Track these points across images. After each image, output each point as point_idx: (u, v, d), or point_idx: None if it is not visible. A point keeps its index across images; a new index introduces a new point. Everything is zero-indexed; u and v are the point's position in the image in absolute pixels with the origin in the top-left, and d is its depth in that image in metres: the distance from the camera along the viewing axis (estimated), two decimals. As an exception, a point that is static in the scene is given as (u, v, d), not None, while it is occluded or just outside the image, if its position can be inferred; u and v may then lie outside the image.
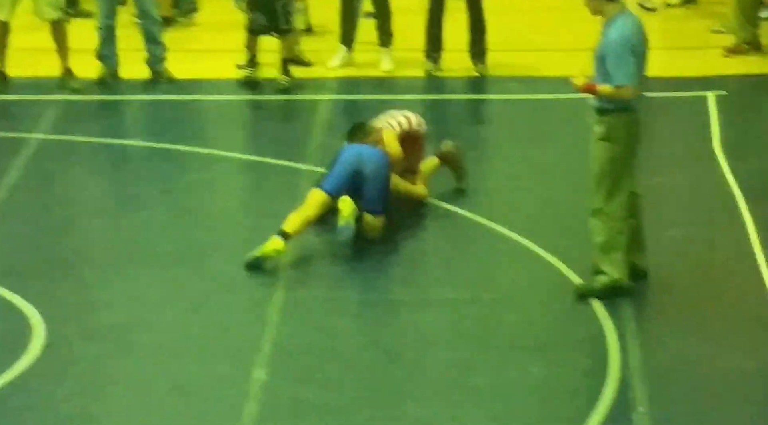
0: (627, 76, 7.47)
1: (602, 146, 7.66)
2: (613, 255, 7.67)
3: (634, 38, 7.51)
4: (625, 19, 7.55)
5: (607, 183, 7.66)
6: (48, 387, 7.01)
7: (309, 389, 7.00)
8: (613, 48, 7.48)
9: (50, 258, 8.37)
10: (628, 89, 7.50)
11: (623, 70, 7.46)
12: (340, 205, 8.20)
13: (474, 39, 11.29)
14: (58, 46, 10.95)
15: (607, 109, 7.64)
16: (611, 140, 7.63)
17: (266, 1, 10.79)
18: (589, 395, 6.90)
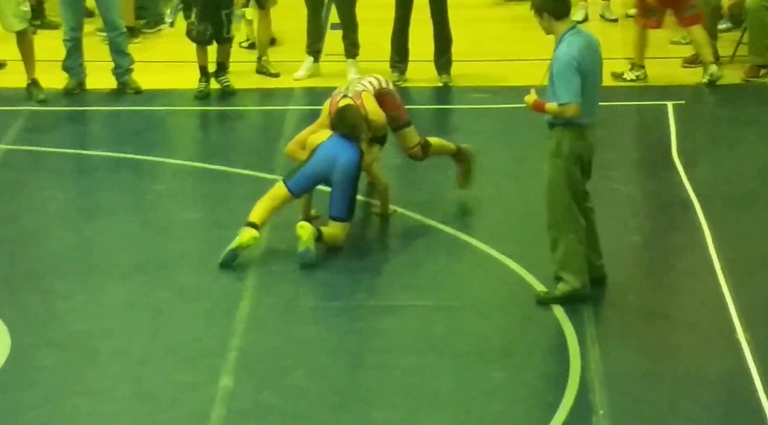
0: (571, 94, 7.57)
1: (551, 161, 7.77)
2: (572, 265, 7.76)
3: (579, 56, 7.58)
4: (572, 38, 7.63)
5: (560, 196, 7.74)
6: (12, 396, 7.02)
7: (274, 395, 7.04)
8: (558, 66, 7.60)
9: (15, 267, 8.39)
10: (573, 107, 7.59)
11: (567, 89, 7.56)
12: (299, 231, 8.29)
13: (439, 49, 11.38)
14: (24, 57, 10.97)
15: (555, 124, 7.74)
16: (559, 155, 7.73)
17: (213, 12, 10.88)
18: (550, 399, 6.96)
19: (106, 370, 7.29)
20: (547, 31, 7.76)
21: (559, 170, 7.72)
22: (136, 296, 8.03)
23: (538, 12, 7.69)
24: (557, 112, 7.63)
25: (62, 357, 7.38)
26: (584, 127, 7.75)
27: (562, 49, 7.61)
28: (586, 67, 7.62)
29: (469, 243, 8.54)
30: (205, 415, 6.86)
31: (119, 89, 11.19)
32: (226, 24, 10.99)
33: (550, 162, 7.77)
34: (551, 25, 7.68)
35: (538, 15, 7.72)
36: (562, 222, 7.76)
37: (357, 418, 6.89)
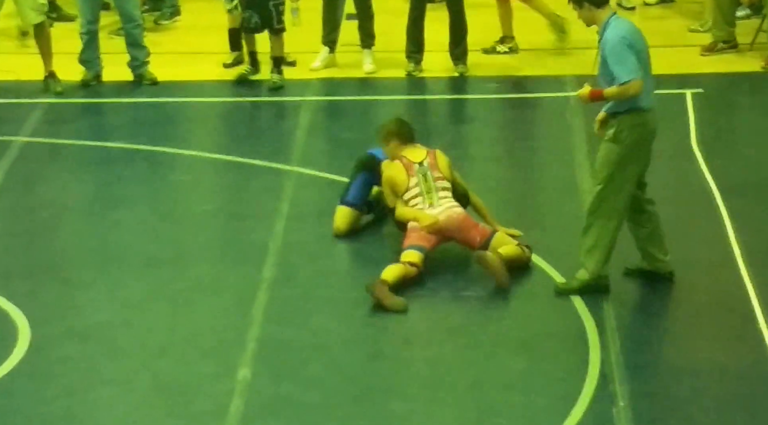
0: (630, 71, 7.52)
1: (607, 146, 7.70)
2: (597, 254, 7.74)
3: (629, 35, 7.59)
4: (617, 22, 7.64)
5: (606, 184, 7.70)
6: (33, 388, 7.05)
7: (293, 386, 7.05)
8: (610, 48, 7.55)
9: (34, 259, 8.41)
10: (635, 84, 7.54)
11: (625, 66, 7.52)
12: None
13: (455, 40, 11.37)
14: (41, 49, 11.00)
15: (618, 112, 7.68)
16: (616, 141, 7.67)
17: (260, 1, 10.86)
18: (570, 390, 6.95)
19: (124, 361, 7.31)
20: (588, 22, 7.74)
21: (612, 156, 7.66)
22: (155, 287, 8.05)
23: (578, 3, 7.66)
24: (619, 92, 7.56)
25: (81, 349, 7.40)
26: (646, 111, 7.70)
27: (610, 32, 7.58)
28: (637, 45, 7.61)
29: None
30: (223, 407, 6.87)
31: (135, 81, 11.20)
32: (275, 15, 10.94)
33: (606, 147, 7.69)
34: (593, 14, 7.65)
35: (577, 6, 7.68)
36: (604, 209, 7.71)
37: (375, 409, 6.90)
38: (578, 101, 7.93)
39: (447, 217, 8.10)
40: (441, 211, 8.14)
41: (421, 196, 8.20)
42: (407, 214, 8.19)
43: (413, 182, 8.23)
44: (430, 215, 8.11)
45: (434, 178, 8.26)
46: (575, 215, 8.83)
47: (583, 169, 9.54)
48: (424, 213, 8.13)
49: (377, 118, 10.98)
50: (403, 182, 8.25)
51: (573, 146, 9.95)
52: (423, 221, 8.07)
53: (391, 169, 8.32)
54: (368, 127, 10.75)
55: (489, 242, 8.07)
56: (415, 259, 7.93)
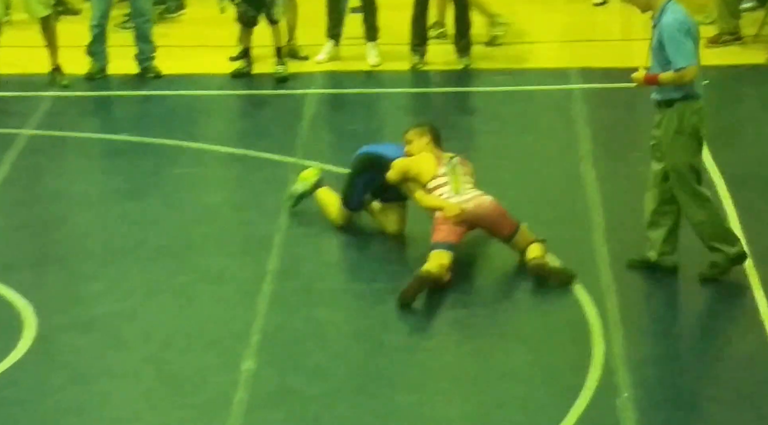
0: (687, 57, 7.53)
1: (675, 139, 7.67)
2: (720, 235, 7.76)
3: (687, 21, 7.60)
4: (675, 6, 7.64)
5: (691, 172, 7.69)
6: (39, 379, 7.09)
7: (297, 378, 7.08)
8: (669, 33, 7.54)
9: (41, 251, 8.45)
10: (691, 70, 7.55)
11: (682, 52, 7.52)
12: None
13: (459, 32, 11.38)
14: (48, 42, 11.03)
15: (675, 99, 7.66)
16: (682, 131, 7.66)
17: None
18: (574, 382, 6.97)
19: (130, 352, 7.34)
20: (643, 8, 7.73)
21: (685, 147, 7.67)
22: (160, 279, 8.08)
23: None
24: (675, 78, 7.55)
25: (87, 339, 7.44)
26: (700, 98, 7.70)
27: (668, 17, 7.57)
28: (693, 32, 7.62)
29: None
30: (228, 398, 6.90)
31: (141, 74, 11.23)
32: (271, 6, 10.98)
33: (675, 140, 7.67)
34: (649, 1, 7.63)
35: None
36: (694, 199, 7.72)
37: (379, 401, 6.93)
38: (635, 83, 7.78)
39: (476, 205, 7.98)
40: (469, 198, 8.01)
41: (448, 186, 8.07)
42: (431, 202, 8.04)
43: (441, 171, 8.13)
44: (455, 204, 7.98)
45: (462, 172, 8.20)
46: (579, 207, 8.87)
47: (588, 161, 9.57)
48: (449, 202, 7.99)
49: (382, 110, 11.02)
50: (430, 170, 8.13)
51: (577, 138, 9.97)
52: (449, 211, 7.93)
53: (420, 157, 8.19)
54: (373, 120, 10.80)
55: (516, 233, 8.00)
56: (446, 261, 7.77)
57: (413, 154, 8.26)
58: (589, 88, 10.90)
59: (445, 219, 7.94)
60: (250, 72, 11.19)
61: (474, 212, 7.96)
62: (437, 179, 8.12)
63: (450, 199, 8.02)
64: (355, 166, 8.49)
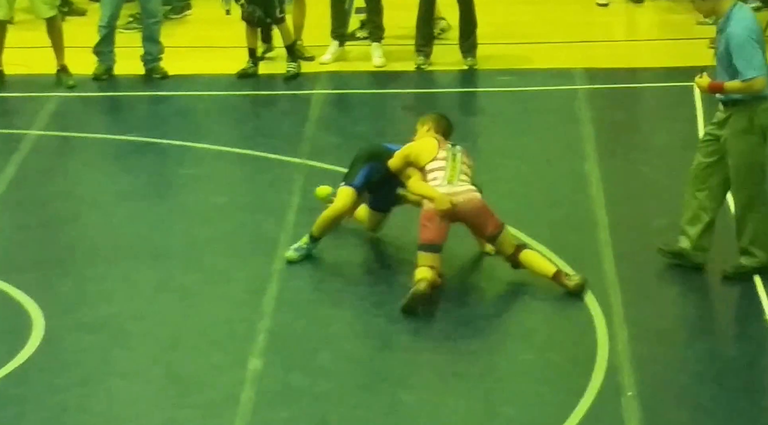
0: (756, 68, 7.48)
1: (744, 138, 7.65)
2: (763, 240, 7.74)
3: (755, 29, 7.55)
4: (741, 12, 7.57)
5: (754, 173, 7.68)
6: (46, 379, 7.12)
7: (303, 377, 7.11)
8: (737, 42, 7.48)
9: (48, 251, 8.48)
10: (760, 81, 7.50)
11: (751, 63, 7.47)
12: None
13: (464, 32, 11.40)
14: (54, 43, 11.06)
15: (742, 100, 7.63)
16: (752, 131, 7.63)
17: None
18: (579, 381, 7.00)
19: (136, 352, 7.37)
20: (707, 14, 7.70)
21: (753, 146, 7.63)
22: (166, 279, 8.11)
23: None
24: (741, 88, 7.52)
25: (94, 340, 7.47)
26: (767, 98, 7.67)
27: (736, 25, 7.51)
28: (760, 38, 7.57)
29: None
30: (234, 397, 6.94)
31: (147, 75, 11.27)
32: (278, 4, 11.02)
33: (743, 139, 7.65)
34: (715, 5, 7.57)
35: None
36: (754, 199, 7.70)
37: (384, 399, 6.95)
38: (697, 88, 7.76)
39: (466, 200, 7.93)
40: (460, 191, 7.95)
41: (443, 171, 7.98)
42: (423, 190, 7.97)
43: (441, 155, 8.05)
44: (446, 197, 7.88)
45: (462, 161, 8.12)
46: (584, 207, 8.89)
47: (592, 161, 9.59)
48: (440, 193, 7.90)
49: (387, 111, 11.05)
50: (431, 152, 8.03)
51: (582, 138, 9.99)
52: (439, 204, 7.85)
53: (422, 141, 8.15)
54: (378, 120, 10.82)
55: (499, 235, 7.98)
56: (435, 265, 7.74)
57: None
58: (594, 89, 10.92)
59: (433, 213, 7.88)
60: (256, 72, 11.22)
61: (463, 207, 7.90)
62: (436, 161, 8.04)
63: (441, 188, 7.92)
64: (363, 153, 8.39)
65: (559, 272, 7.82)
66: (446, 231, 7.93)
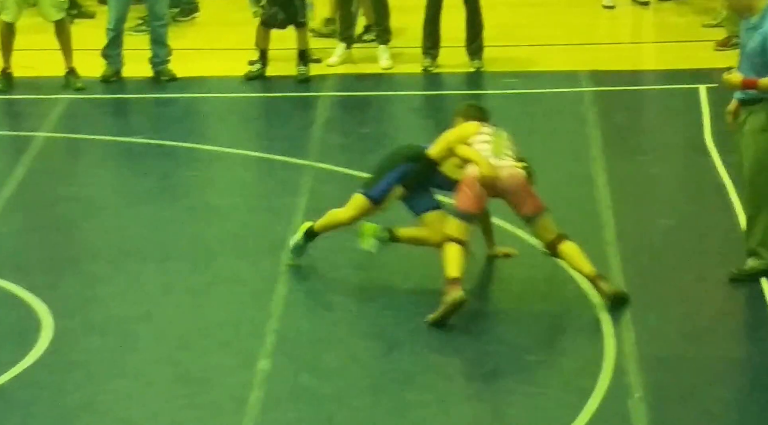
0: None
1: (763, 137, 7.61)
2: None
3: None
4: None
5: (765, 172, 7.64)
6: (55, 379, 7.15)
7: (311, 377, 7.13)
8: None
9: (56, 253, 8.51)
10: None
11: None
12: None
13: (471, 35, 11.43)
14: (62, 45, 11.10)
15: (762, 99, 7.58)
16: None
17: None
18: (586, 382, 7.00)
19: (145, 353, 7.40)
20: (741, 12, 7.63)
21: (765, 144, 7.61)
22: (174, 280, 8.14)
23: None
24: None
25: (102, 341, 7.50)
26: None
27: None
28: None
29: (503, 228, 8.59)
30: (243, 398, 6.96)
31: (155, 77, 11.30)
32: (300, 9, 11.06)
33: (760, 138, 7.62)
34: (752, 2, 7.54)
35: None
36: (766, 200, 7.69)
37: (391, 400, 6.97)
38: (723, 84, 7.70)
39: (510, 175, 7.72)
40: (504, 165, 7.74)
41: (489, 145, 7.77)
42: (469, 154, 7.65)
43: (485, 130, 7.86)
44: (491, 164, 7.67)
45: (507, 138, 7.94)
46: (590, 209, 8.91)
47: (598, 162, 9.61)
48: (487, 159, 7.67)
49: (394, 113, 11.08)
50: (472, 130, 7.79)
51: (588, 140, 10.01)
52: (484, 169, 7.57)
53: (460, 126, 7.88)
54: (385, 122, 10.85)
55: (537, 217, 7.75)
56: (461, 235, 7.53)
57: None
58: (599, 91, 10.94)
59: (474, 179, 7.65)
60: (264, 74, 11.25)
61: (506, 181, 7.70)
62: (481, 135, 7.81)
63: (488, 159, 7.73)
64: (397, 154, 8.11)
65: (599, 275, 7.68)
66: (484, 203, 7.75)
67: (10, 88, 11.10)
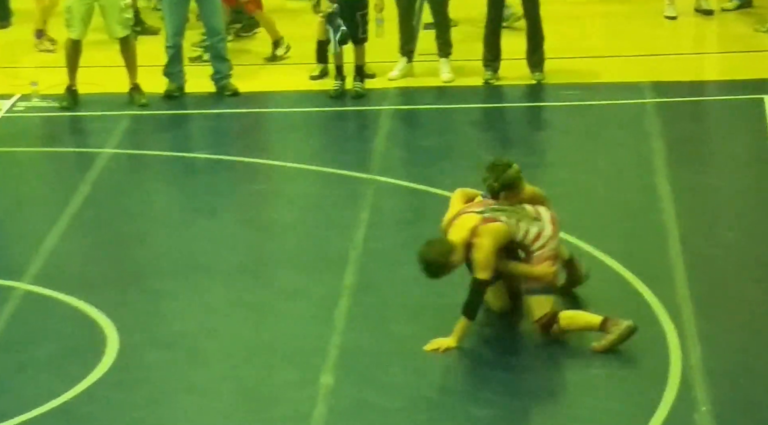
0: None
1: None
2: None
3: None
4: None
5: None
6: (120, 395, 7.20)
7: (375, 393, 7.13)
8: None
9: (122, 269, 8.58)
10: None
11: None
12: None
13: (532, 47, 11.40)
14: (127, 62, 11.20)
15: None
16: None
17: (348, 12, 11.00)
18: (651, 396, 6.96)
19: (209, 369, 7.44)
20: None
21: None
22: (238, 295, 8.18)
23: None
24: None
25: (168, 356, 7.55)
26: None
27: None
28: None
29: (566, 241, 8.55)
30: (306, 413, 6.97)
31: (218, 93, 11.37)
32: (361, 25, 11.10)
33: None
34: None
35: None
36: None
37: (455, 415, 6.96)
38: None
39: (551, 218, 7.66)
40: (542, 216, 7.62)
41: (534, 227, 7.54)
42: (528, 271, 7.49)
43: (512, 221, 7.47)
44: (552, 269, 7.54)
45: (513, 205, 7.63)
46: (655, 220, 8.85)
47: (662, 174, 9.54)
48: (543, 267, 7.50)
49: (455, 126, 11.06)
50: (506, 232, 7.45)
51: (651, 152, 9.95)
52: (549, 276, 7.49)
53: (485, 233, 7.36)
54: (446, 135, 10.83)
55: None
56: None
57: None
58: (662, 102, 10.87)
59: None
60: (345, 89, 11.24)
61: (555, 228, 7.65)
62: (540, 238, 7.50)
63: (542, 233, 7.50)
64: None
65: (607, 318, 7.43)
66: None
67: (75, 105, 11.21)
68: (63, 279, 8.34)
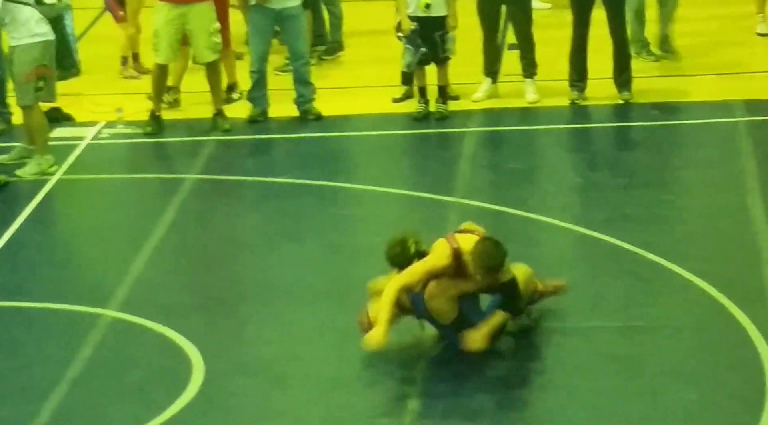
0: None
1: None
2: None
3: None
4: None
5: None
6: (206, 422, 7.17)
7: (460, 419, 7.04)
8: None
9: (206, 294, 8.58)
10: None
11: None
12: None
13: (619, 67, 11.27)
14: (212, 87, 11.22)
15: None
16: None
17: (427, 33, 10.96)
18: (746, 420, 6.81)
19: (295, 394, 7.39)
20: None
21: None
22: (323, 320, 8.13)
23: None
24: None
25: (253, 382, 7.51)
26: None
27: None
28: None
29: (654, 261, 8.41)
30: (393, 439, 6.91)
31: (301, 117, 11.37)
32: (441, 44, 11.06)
33: None
34: None
35: None
36: None
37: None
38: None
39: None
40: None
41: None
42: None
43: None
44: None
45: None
46: (747, 241, 8.67)
47: (755, 194, 9.35)
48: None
49: (541, 147, 10.96)
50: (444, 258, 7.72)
51: (743, 172, 9.76)
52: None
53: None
54: (532, 157, 10.73)
55: None
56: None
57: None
58: (754, 121, 10.67)
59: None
60: (429, 111, 11.20)
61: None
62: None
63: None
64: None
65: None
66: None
67: (160, 131, 11.26)
68: (149, 305, 8.35)
